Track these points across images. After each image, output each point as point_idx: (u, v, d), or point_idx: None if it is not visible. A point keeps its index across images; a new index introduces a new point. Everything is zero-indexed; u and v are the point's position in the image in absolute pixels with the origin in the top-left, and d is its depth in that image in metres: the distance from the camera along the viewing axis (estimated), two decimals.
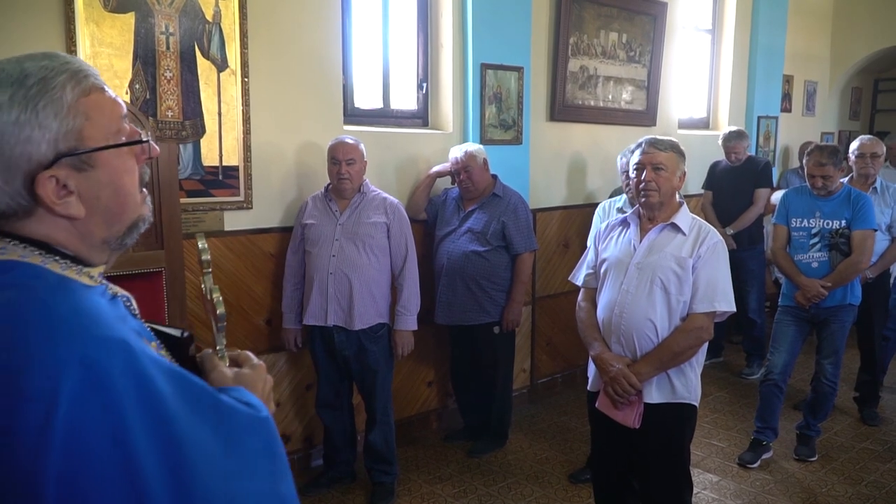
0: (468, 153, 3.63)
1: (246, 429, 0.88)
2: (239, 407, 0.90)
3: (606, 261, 2.50)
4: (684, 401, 2.40)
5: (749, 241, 5.07)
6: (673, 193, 2.43)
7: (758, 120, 6.32)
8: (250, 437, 0.88)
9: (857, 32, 7.27)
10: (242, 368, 1.07)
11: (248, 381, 1.03)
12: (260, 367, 1.08)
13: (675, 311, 2.34)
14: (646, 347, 2.36)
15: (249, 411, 0.91)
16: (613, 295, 2.42)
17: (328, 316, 3.20)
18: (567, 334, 4.80)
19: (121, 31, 2.83)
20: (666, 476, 2.46)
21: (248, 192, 3.27)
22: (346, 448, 3.44)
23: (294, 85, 3.38)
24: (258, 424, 0.91)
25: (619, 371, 2.35)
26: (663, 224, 2.41)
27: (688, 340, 2.33)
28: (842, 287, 3.61)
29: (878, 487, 3.50)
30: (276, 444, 0.92)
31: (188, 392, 0.83)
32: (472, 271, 3.63)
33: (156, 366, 0.81)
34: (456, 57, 4.01)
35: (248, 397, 0.96)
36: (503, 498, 3.39)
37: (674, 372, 2.37)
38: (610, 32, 4.88)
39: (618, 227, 2.57)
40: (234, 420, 0.87)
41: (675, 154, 2.42)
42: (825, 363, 3.73)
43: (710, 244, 2.35)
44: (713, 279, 2.33)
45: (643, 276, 2.36)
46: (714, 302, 2.32)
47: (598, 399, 2.48)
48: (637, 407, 2.36)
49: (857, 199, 3.63)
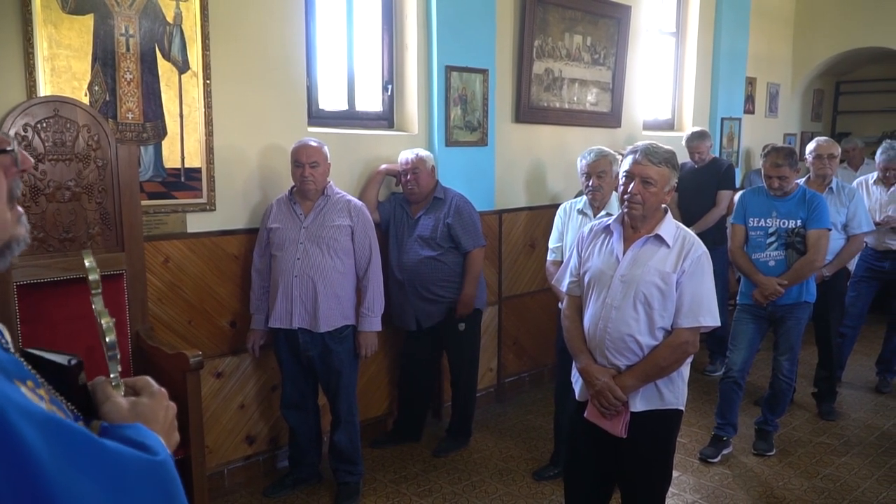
0: (419, 156, 3.67)
1: (136, 476, 0.80)
2: (127, 452, 0.81)
3: (589, 271, 2.46)
4: (671, 407, 2.40)
5: (712, 242, 5.11)
6: (658, 206, 2.37)
7: (721, 121, 6.43)
8: (141, 484, 0.81)
9: (819, 35, 7.43)
10: (141, 397, 0.99)
11: (147, 413, 0.96)
12: (160, 395, 1.01)
13: (658, 326, 2.33)
14: (629, 361, 2.35)
15: (141, 456, 0.83)
16: (597, 308, 2.39)
17: (293, 319, 3.21)
18: (533, 334, 4.86)
19: (79, 33, 2.81)
20: (651, 478, 2.47)
21: (211, 193, 3.26)
22: (311, 449, 3.45)
23: (257, 87, 3.38)
24: (151, 470, 0.83)
25: (604, 384, 2.33)
26: (647, 236, 2.35)
27: (674, 355, 2.32)
28: (797, 285, 3.70)
29: (833, 481, 3.60)
30: (174, 488, 0.85)
31: (63, 442, 0.74)
32: (429, 276, 3.67)
33: (24, 417, 0.71)
34: (421, 59, 4.04)
35: (145, 437, 0.88)
36: (468, 496, 3.43)
37: (662, 380, 2.36)
38: (574, 35, 4.95)
39: (601, 234, 2.50)
40: (121, 468, 0.79)
41: (668, 169, 2.34)
42: (782, 360, 3.82)
43: (694, 258, 2.30)
44: (698, 294, 2.30)
45: (627, 291, 2.32)
46: (699, 317, 2.30)
47: (587, 409, 2.46)
48: (624, 417, 2.36)
49: (812, 200, 3.72)
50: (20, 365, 0.84)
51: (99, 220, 2.77)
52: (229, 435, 3.49)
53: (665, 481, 2.54)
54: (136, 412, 0.95)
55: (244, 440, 3.56)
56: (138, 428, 0.90)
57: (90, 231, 2.75)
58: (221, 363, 3.43)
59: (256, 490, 3.46)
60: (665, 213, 2.40)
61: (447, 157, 4.12)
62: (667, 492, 2.57)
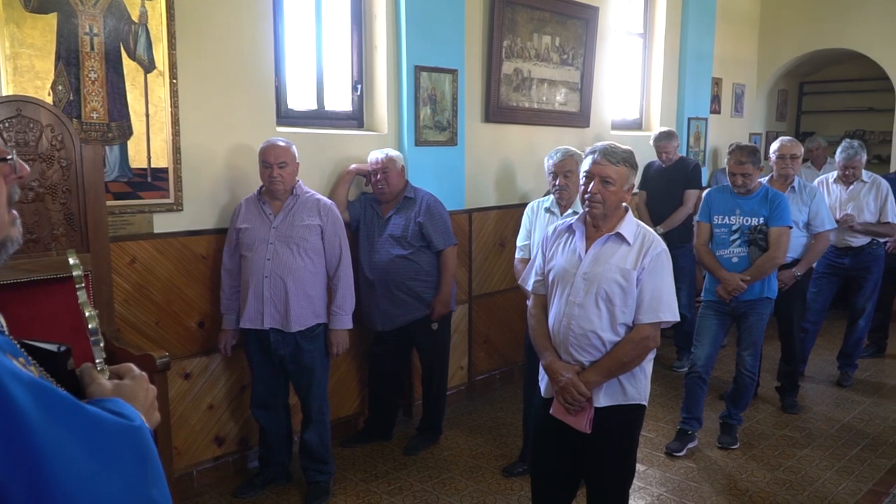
0: (389, 156, 3.69)
1: (113, 435, 0.90)
2: (104, 415, 0.91)
3: (553, 270, 2.51)
4: (634, 402, 2.46)
5: (679, 240, 5.24)
6: (618, 205, 2.43)
7: (688, 121, 6.53)
8: (117, 442, 0.90)
9: (783, 37, 7.58)
10: (123, 380, 1.09)
11: (128, 392, 1.06)
12: (140, 378, 1.11)
13: (620, 322, 2.38)
14: (593, 357, 2.40)
15: (118, 420, 0.93)
16: (561, 306, 2.44)
17: (264, 319, 3.21)
18: (504, 332, 4.90)
19: (42, 32, 2.78)
20: (614, 473, 2.52)
21: (178, 194, 3.25)
22: (281, 449, 3.45)
23: (225, 86, 3.37)
24: (128, 432, 0.93)
25: (568, 380, 2.38)
26: (608, 234, 2.41)
27: (636, 350, 2.38)
28: (759, 281, 3.79)
29: (795, 472, 3.69)
30: (149, 452, 0.94)
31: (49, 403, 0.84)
32: (401, 275, 3.69)
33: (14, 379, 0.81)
34: (390, 59, 4.06)
35: (123, 408, 0.98)
36: (438, 493, 3.46)
37: (625, 376, 2.42)
38: (543, 36, 4.99)
39: (564, 233, 2.55)
40: (98, 426, 0.89)
41: (627, 168, 2.40)
42: (745, 355, 3.91)
43: (653, 255, 2.37)
44: (658, 290, 2.37)
45: (589, 288, 2.38)
46: (659, 312, 2.37)
47: (552, 405, 2.51)
48: (588, 412, 2.41)
49: (774, 198, 3.81)
50: (13, 345, 0.93)
51: (63, 220, 2.74)
52: (198, 436, 3.48)
53: (629, 476, 2.59)
54: (119, 392, 1.05)
55: (213, 441, 3.55)
56: (117, 401, 1.00)
57: (54, 232, 2.73)
58: (190, 364, 3.41)
59: (226, 491, 3.45)
60: (626, 212, 2.46)
61: (417, 157, 4.13)
62: (630, 486, 2.62)
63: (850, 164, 4.76)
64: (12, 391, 0.80)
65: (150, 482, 0.92)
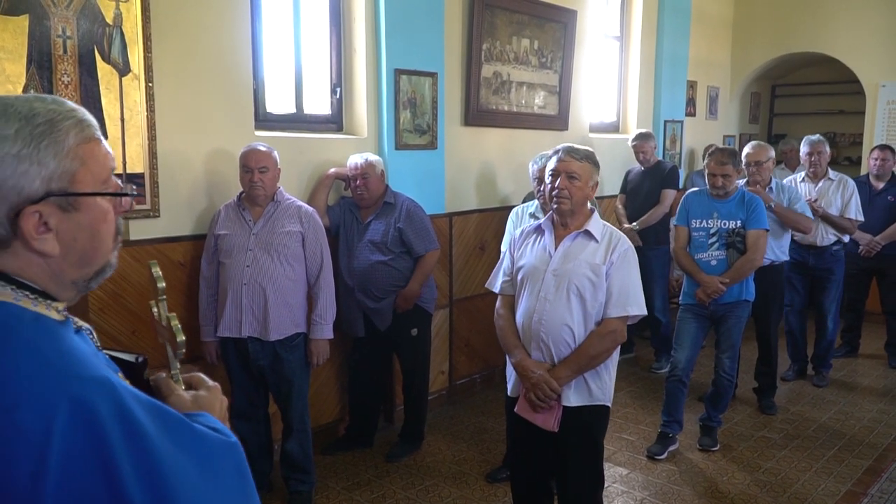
0: (368, 161, 3.65)
1: (218, 454, 0.94)
2: (210, 433, 0.95)
3: (523, 268, 2.56)
4: (599, 402, 2.51)
5: (655, 241, 5.29)
6: (585, 202, 2.52)
7: (664, 124, 6.58)
8: (222, 460, 0.94)
9: (756, 41, 7.67)
10: (199, 391, 1.11)
11: (206, 404, 1.08)
12: (215, 389, 1.13)
13: (590, 316, 2.44)
14: (564, 352, 2.44)
15: (219, 437, 0.96)
16: (531, 302, 2.49)
17: (242, 327, 3.15)
18: (485, 336, 4.88)
19: (13, 34, 2.70)
20: (583, 475, 2.55)
21: (154, 199, 3.18)
22: (261, 458, 3.39)
23: (202, 90, 3.30)
24: (228, 449, 0.96)
25: (539, 377, 2.42)
26: (577, 232, 2.50)
27: (603, 344, 2.43)
28: (738, 284, 3.82)
29: (774, 474, 3.72)
30: (245, 466, 0.97)
31: (166, 423, 0.88)
32: (380, 281, 3.66)
33: (136, 401, 0.86)
34: (370, 62, 4.02)
35: (215, 422, 1.01)
36: (421, 500, 3.43)
37: (590, 375, 2.47)
38: (522, 39, 4.99)
39: (532, 233, 2.63)
40: (208, 446, 0.93)
41: (590, 164, 2.51)
42: (723, 357, 3.94)
43: (621, 251, 2.46)
44: (625, 285, 2.44)
45: (560, 284, 2.44)
46: (627, 306, 2.44)
47: (517, 404, 2.54)
48: (556, 411, 2.44)
49: (751, 202, 3.85)
50: (109, 360, 1.00)
51: None
52: None
53: (598, 482, 2.62)
54: (199, 404, 1.08)
55: None
56: (206, 415, 1.03)
57: None
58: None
59: None
60: (592, 212, 2.55)
61: (397, 161, 4.10)
62: (601, 492, 2.63)
63: (815, 150, 4.97)
64: (138, 415, 0.83)
65: (249, 496, 0.96)
